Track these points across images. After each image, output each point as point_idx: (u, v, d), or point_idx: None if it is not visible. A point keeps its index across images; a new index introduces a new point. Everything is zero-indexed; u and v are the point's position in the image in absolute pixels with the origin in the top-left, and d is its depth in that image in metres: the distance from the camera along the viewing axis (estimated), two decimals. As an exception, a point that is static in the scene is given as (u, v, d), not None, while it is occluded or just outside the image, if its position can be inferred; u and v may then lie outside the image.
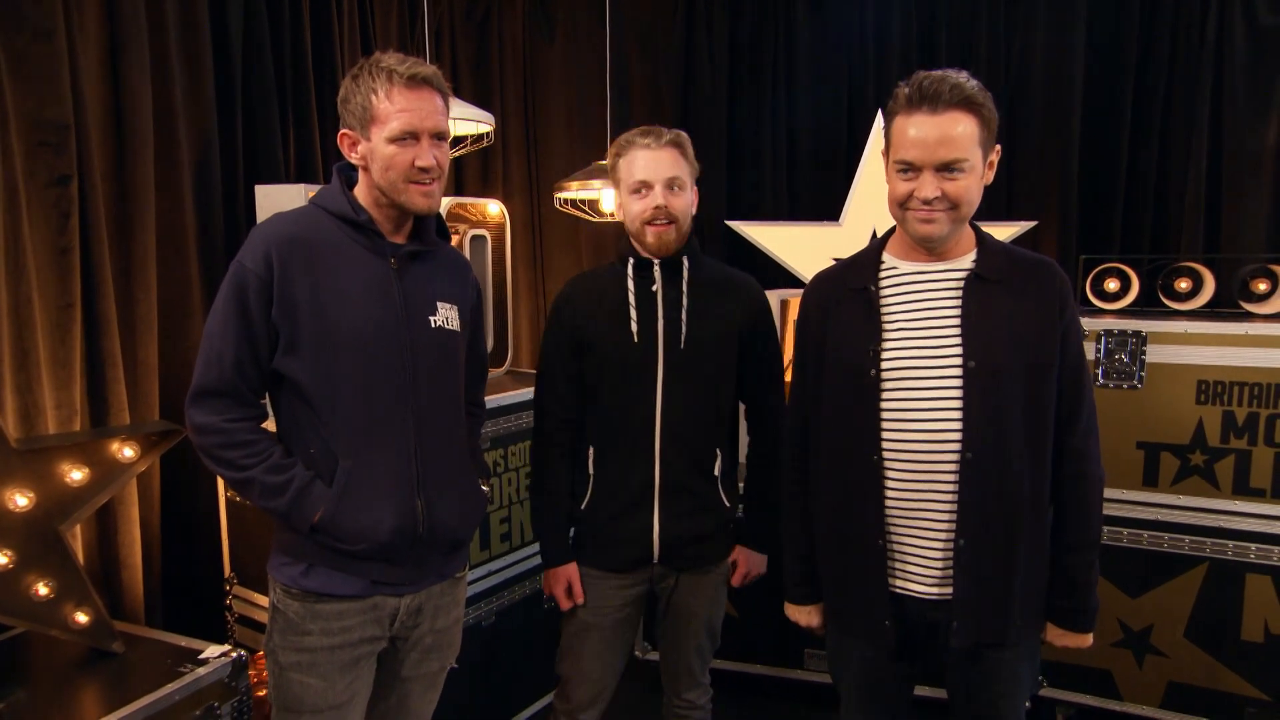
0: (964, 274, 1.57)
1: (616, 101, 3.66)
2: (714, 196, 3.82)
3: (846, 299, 1.65)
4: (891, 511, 1.58)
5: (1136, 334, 2.56)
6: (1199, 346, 2.50)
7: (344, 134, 1.57)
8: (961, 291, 1.56)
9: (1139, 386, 2.57)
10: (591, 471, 1.95)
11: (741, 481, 2.05)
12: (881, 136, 1.61)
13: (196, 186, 2.60)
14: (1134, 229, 3.45)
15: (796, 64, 3.86)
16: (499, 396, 2.54)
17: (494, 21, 3.88)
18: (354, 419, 1.53)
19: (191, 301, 2.61)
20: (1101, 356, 2.59)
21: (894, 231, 1.66)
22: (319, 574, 1.55)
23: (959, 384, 1.52)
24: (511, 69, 3.95)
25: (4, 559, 1.81)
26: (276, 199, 2.39)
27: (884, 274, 1.63)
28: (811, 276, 1.79)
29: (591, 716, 2.01)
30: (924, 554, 1.57)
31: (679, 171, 1.86)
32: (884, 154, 1.61)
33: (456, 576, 1.74)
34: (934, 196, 1.49)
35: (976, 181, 1.52)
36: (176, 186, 2.54)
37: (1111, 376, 2.59)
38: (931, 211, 1.51)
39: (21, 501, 1.83)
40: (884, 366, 1.57)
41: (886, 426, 1.56)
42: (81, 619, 1.91)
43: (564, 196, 3.23)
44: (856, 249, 1.75)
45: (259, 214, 2.51)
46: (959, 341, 1.53)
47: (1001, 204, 3.57)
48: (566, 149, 4.01)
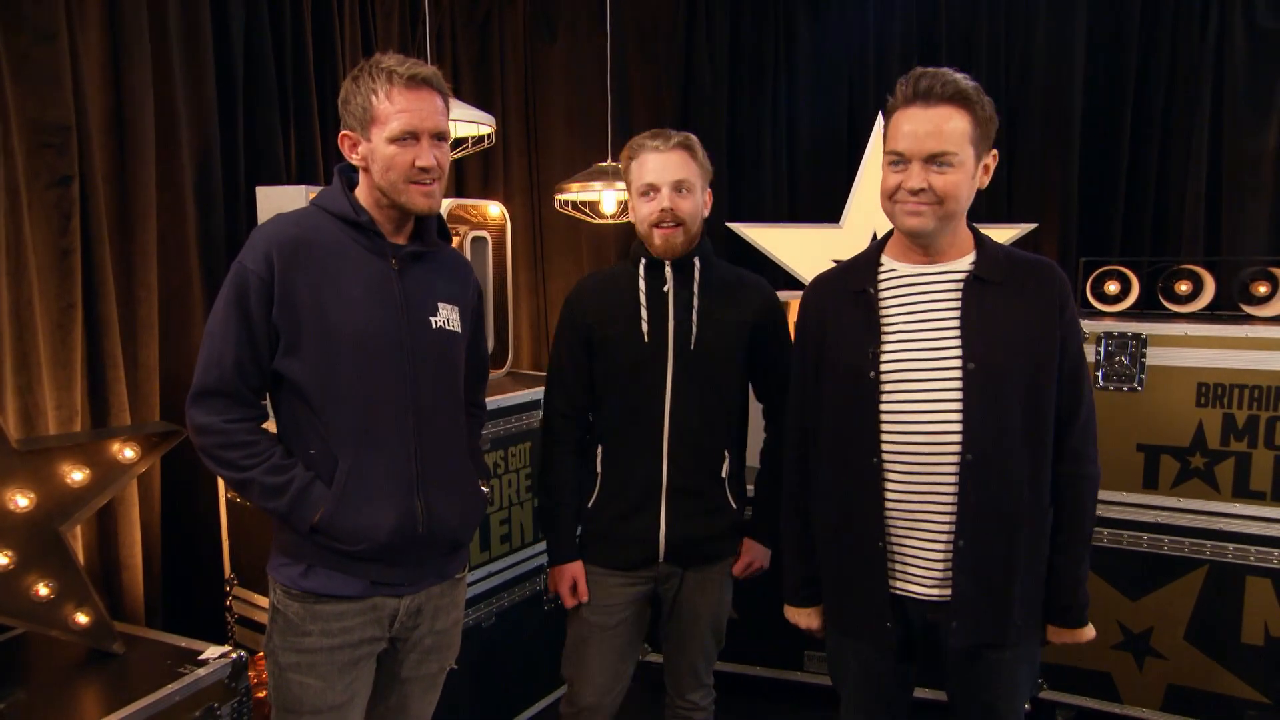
0: (963, 275, 1.57)
1: (617, 103, 3.66)
2: (714, 198, 3.79)
3: (845, 301, 1.65)
4: (891, 513, 1.58)
5: (1137, 336, 2.56)
6: (1199, 349, 2.50)
7: (344, 135, 1.57)
8: (961, 293, 1.55)
9: (1139, 389, 2.56)
10: (599, 470, 1.95)
11: (751, 485, 2.05)
12: (881, 138, 1.62)
13: (198, 188, 2.61)
14: (1134, 231, 3.45)
15: (797, 65, 3.86)
16: (499, 398, 2.54)
17: (494, 23, 3.88)
18: (354, 420, 1.53)
19: (192, 302, 2.61)
20: (1101, 359, 2.59)
21: (893, 234, 1.66)
22: (319, 575, 1.55)
23: (958, 386, 1.52)
24: (512, 70, 3.95)
25: (4, 559, 1.81)
26: (277, 200, 2.39)
27: (883, 276, 1.63)
28: (811, 279, 1.79)
29: (597, 719, 1.99)
30: (924, 555, 1.57)
31: (687, 174, 1.85)
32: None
33: (456, 577, 1.74)
34: (920, 188, 1.49)
35: (966, 179, 1.51)
36: (178, 188, 2.55)
37: (1112, 379, 2.59)
38: (918, 204, 1.51)
39: (22, 502, 1.83)
40: (883, 368, 1.57)
41: (886, 428, 1.56)
42: (82, 620, 1.91)
43: (565, 198, 3.24)
44: (857, 251, 1.75)
45: (260, 215, 2.52)
46: (958, 343, 1.53)
47: (1002, 206, 3.57)
48: (567, 150, 4.01)
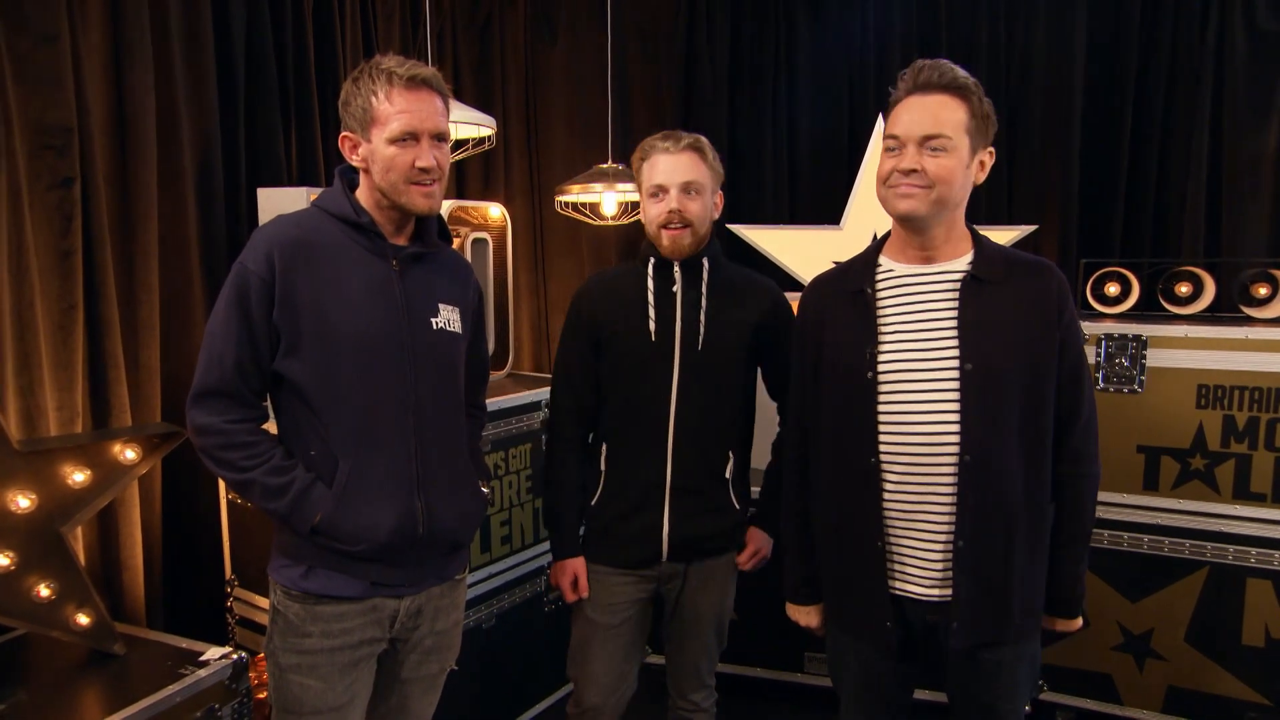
0: (961, 275, 1.57)
1: (618, 104, 3.66)
2: (715, 199, 3.81)
3: (843, 302, 1.65)
4: (890, 513, 1.58)
5: (1137, 338, 2.56)
6: (1199, 350, 2.50)
7: (345, 136, 1.57)
8: (958, 293, 1.56)
9: (1139, 390, 2.57)
10: (603, 468, 1.96)
11: (756, 488, 2.05)
12: (882, 140, 1.62)
13: (199, 189, 2.61)
14: (1134, 233, 3.45)
15: (797, 67, 3.86)
16: (500, 399, 2.54)
17: (495, 25, 3.89)
18: (355, 420, 1.54)
19: (193, 304, 2.61)
20: (1102, 360, 2.59)
21: (891, 234, 1.66)
22: (319, 576, 1.56)
23: (956, 386, 1.52)
24: (513, 72, 3.96)
25: (6, 560, 1.81)
26: (278, 202, 2.39)
27: (880, 276, 1.63)
28: (811, 280, 1.79)
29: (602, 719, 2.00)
30: (923, 556, 1.57)
31: (696, 176, 1.86)
32: None
33: (456, 578, 1.74)
34: (913, 168, 1.50)
35: (959, 166, 1.52)
36: (179, 189, 2.55)
37: (1112, 380, 2.59)
38: (911, 186, 1.51)
39: (23, 503, 1.83)
40: (881, 369, 1.57)
41: (884, 429, 1.56)
42: (83, 620, 1.92)
43: (565, 200, 3.24)
44: (857, 252, 1.75)
45: (261, 216, 2.52)
46: (955, 343, 1.53)
47: (1002, 208, 3.57)
48: (568, 152, 4.01)
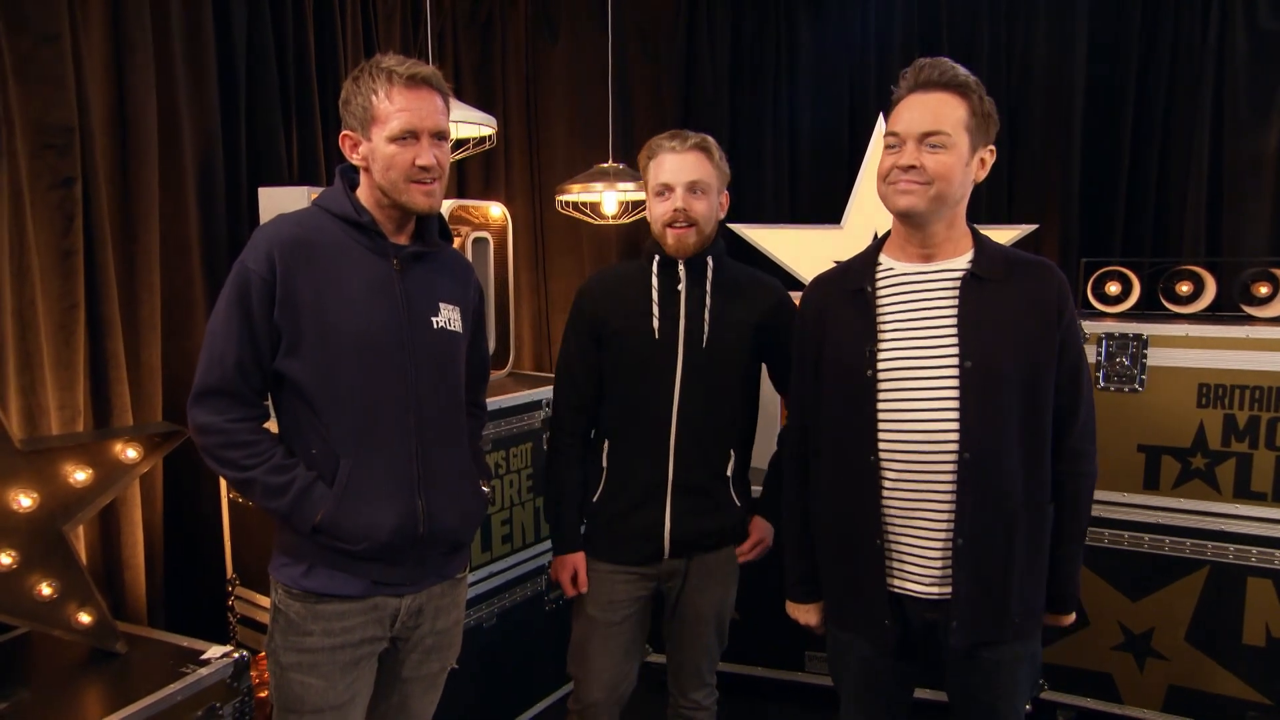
0: (961, 274, 1.57)
1: (618, 104, 3.66)
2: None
3: (844, 301, 1.65)
4: (889, 511, 1.58)
5: (1138, 337, 2.56)
6: (1200, 350, 2.50)
7: (345, 135, 1.57)
8: (958, 291, 1.56)
9: (1140, 390, 2.57)
10: (605, 464, 1.96)
11: (757, 487, 2.06)
12: (883, 140, 1.62)
13: (200, 189, 2.61)
14: (1135, 232, 3.45)
15: (798, 66, 3.86)
16: (501, 398, 2.55)
17: (496, 24, 3.89)
18: (355, 419, 1.54)
19: (194, 303, 2.61)
20: (1102, 359, 2.59)
21: (892, 233, 1.67)
22: (320, 574, 1.56)
23: (955, 384, 1.53)
24: (514, 72, 3.96)
25: (8, 559, 1.82)
26: (279, 201, 2.39)
27: (881, 275, 1.64)
28: (812, 279, 1.80)
29: (603, 717, 2.00)
30: (922, 554, 1.58)
31: (702, 175, 1.86)
32: None
33: (457, 577, 1.75)
34: (912, 164, 1.51)
35: (959, 163, 1.52)
36: (180, 189, 2.55)
37: (1112, 379, 2.59)
38: (910, 182, 1.52)
39: (25, 502, 1.83)
40: (880, 367, 1.57)
41: (883, 427, 1.57)
42: (84, 619, 1.92)
43: (566, 199, 3.24)
44: (858, 251, 1.75)
45: (262, 216, 2.52)
46: (955, 341, 1.53)
47: (1003, 207, 3.57)
48: (568, 151, 4.01)
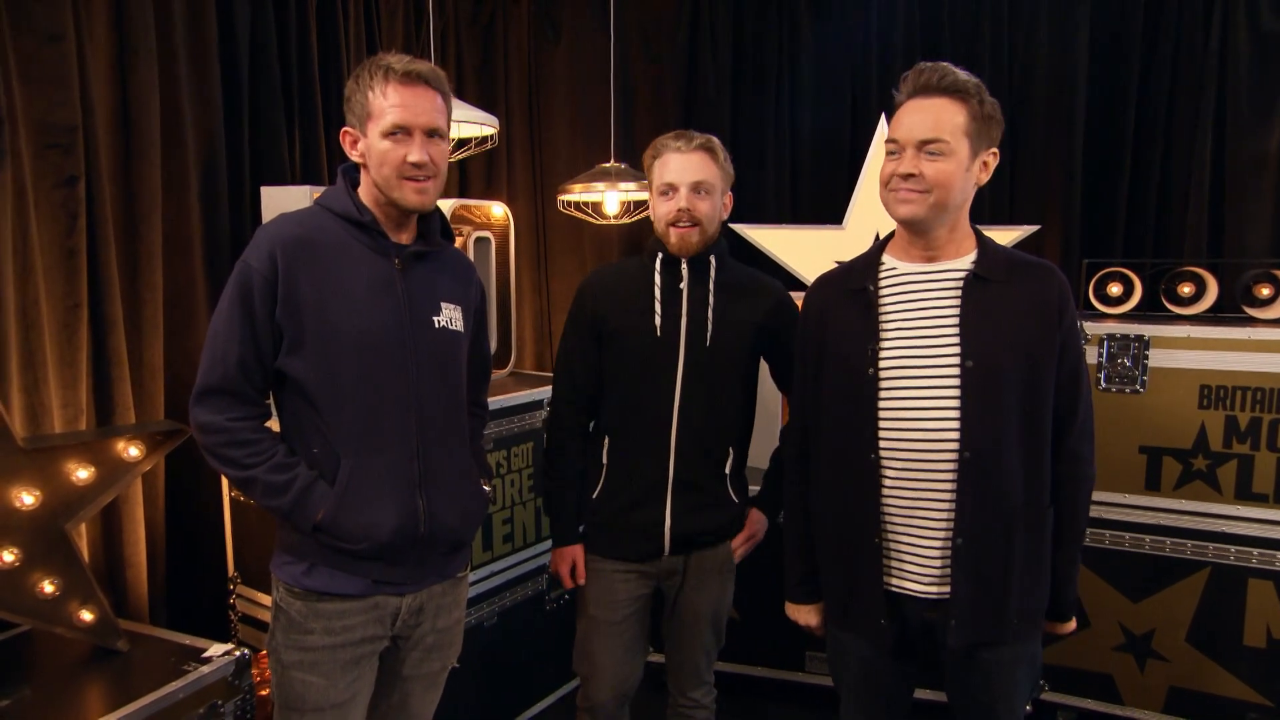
0: (963, 274, 1.57)
1: (620, 104, 3.66)
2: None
3: (846, 300, 1.66)
4: (889, 510, 1.59)
5: (1139, 338, 2.56)
6: (1202, 351, 2.50)
7: (345, 131, 1.58)
8: (960, 291, 1.56)
9: (1141, 391, 2.56)
10: (605, 461, 1.96)
11: (755, 486, 2.07)
12: (885, 141, 1.62)
13: (203, 188, 2.62)
14: (1137, 233, 3.45)
15: (800, 67, 3.86)
16: (502, 398, 2.55)
17: (498, 24, 3.89)
18: (357, 418, 1.54)
19: (197, 302, 2.62)
20: (1104, 360, 2.59)
21: (895, 233, 1.67)
22: (321, 573, 1.56)
23: (956, 384, 1.53)
24: (516, 71, 3.96)
25: (10, 557, 1.82)
26: (282, 200, 2.40)
27: (883, 274, 1.64)
28: (814, 279, 1.80)
29: (612, 713, 2.02)
30: (921, 553, 1.58)
31: (706, 175, 1.87)
32: None
33: (458, 576, 1.75)
34: (911, 173, 1.51)
35: (958, 170, 1.52)
36: (183, 188, 2.56)
37: (1114, 381, 2.59)
38: (909, 191, 1.52)
39: (28, 500, 1.84)
40: (882, 366, 1.57)
41: (884, 425, 1.57)
42: (86, 617, 1.92)
43: (568, 199, 3.24)
44: (859, 252, 1.75)
45: (264, 215, 2.52)
46: (956, 341, 1.54)
47: (1004, 208, 3.57)
48: (570, 151, 4.01)
